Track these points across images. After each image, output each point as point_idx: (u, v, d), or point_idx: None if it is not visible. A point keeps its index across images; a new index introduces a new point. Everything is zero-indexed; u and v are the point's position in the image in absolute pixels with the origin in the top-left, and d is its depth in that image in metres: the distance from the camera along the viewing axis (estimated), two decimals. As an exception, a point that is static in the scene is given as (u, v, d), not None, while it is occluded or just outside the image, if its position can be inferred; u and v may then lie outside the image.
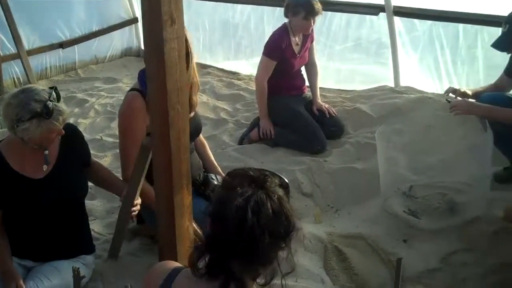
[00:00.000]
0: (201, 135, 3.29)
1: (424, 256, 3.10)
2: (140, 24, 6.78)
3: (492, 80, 3.83)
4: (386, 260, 3.10)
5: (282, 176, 1.75)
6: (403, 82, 5.05)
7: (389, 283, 2.95)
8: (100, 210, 3.70)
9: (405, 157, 3.97)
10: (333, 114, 4.46)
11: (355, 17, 5.30)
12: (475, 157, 3.54)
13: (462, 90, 3.65)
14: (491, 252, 2.98)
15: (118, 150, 4.29)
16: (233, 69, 6.21)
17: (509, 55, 3.46)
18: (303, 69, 4.60)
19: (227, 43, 6.36)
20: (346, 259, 3.07)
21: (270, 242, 1.51)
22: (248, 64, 6.12)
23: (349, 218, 3.60)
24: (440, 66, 4.81)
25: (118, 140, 4.47)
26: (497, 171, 3.64)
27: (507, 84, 3.61)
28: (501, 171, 3.65)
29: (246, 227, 1.48)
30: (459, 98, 3.59)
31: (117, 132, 4.63)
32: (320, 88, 4.71)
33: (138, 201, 2.68)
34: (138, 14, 6.69)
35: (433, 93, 4.74)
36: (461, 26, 4.66)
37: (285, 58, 4.33)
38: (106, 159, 4.37)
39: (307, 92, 4.63)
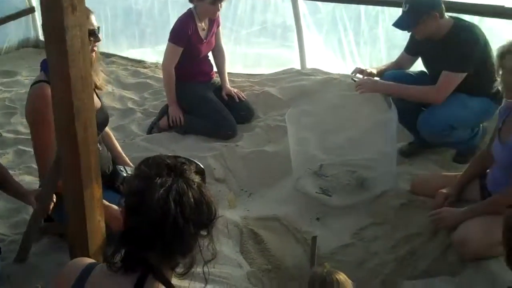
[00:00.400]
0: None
1: (337, 233, 3.17)
2: (37, 13, 6.43)
3: (394, 59, 3.95)
4: (301, 239, 3.14)
5: (197, 162, 1.71)
6: (309, 64, 5.13)
7: (305, 261, 2.99)
8: (2, 210, 3.51)
9: (315, 138, 4.04)
10: (242, 99, 4.45)
11: (260, 1, 5.33)
12: (381, 134, 3.67)
13: (368, 70, 3.75)
14: (400, 224, 3.08)
15: (19, 147, 4.17)
16: (138, 57, 6.04)
17: (409, 33, 3.59)
18: (210, 54, 4.56)
19: (130, 31, 6.18)
20: (262, 241, 3.09)
21: (193, 231, 1.49)
22: (153, 52, 5.98)
23: (263, 200, 3.62)
24: (344, 47, 4.92)
25: (19, 136, 4.37)
26: (402, 146, 3.78)
27: (407, 61, 3.75)
28: (406, 146, 3.80)
29: (169, 218, 1.44)
30: (364, 77, 3.69)
31: (18, 128, 4.47)
32: (228, 73, 4.68)
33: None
34: (35, 3, 6.35)
35: (338, 74, 4.83)
36: (362, 7, 4.78)
37: (191, 44, 4.27)
38: (8, 156, 4.14)
39: (216, 78, 4.59)
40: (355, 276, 2.76)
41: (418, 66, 3.80)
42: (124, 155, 3.17)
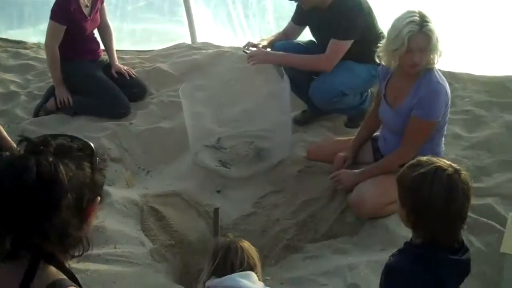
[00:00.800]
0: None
1: (238, 203, 3.18)
2: None
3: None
4: (203, 212, 3.12)
5: (84, 139, 1.58)
6: (200, 38, 5.08)
7: (208, 235, 2.97)
8: None
9: (210, 112, 4.04)
10: (133, 76, 4.31)
11: (145, -25, 5.19)
12: (275, 105, 3.71)
13: (260, 45, 3.72)
14: (299, 190, 3.14)
15: None
16: (18, 38, 5.68)
17: (296, 3, 3.61)
18: (96, 32, 4.36)
19: (7, 11, 5.80)
20: (164, 217, 3.03)
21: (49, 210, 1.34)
22: (35, 32, 5.64)
23: (162, 177, 3.55)
24: (233, 20, 4.92)
25: None
26: (296, 115, 3.83)
27: (295, 31, 3.78)
28: (300, 114, 3.85)
29: (26, 198, 1.31)
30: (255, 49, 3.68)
31: None
32: (116, 50, 4.48)
33: None
34: None
35: (229, 47, 4.82)
36: (249, -20, 4.79)
37: (75, 22, 4.04)
38: None
39: (103, 56, 4.40)
40: (258, 244, 2.82)
41: (307, 35, 3.84)
42: (9, 139, 2.96)
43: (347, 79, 3.41)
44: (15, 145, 2.76)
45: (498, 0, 4.22)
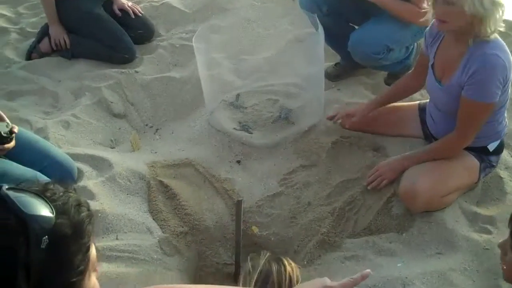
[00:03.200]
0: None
1: (262, 179, 2.71)
2: None
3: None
4: (220, 189, 2.65)
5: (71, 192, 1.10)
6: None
7: (228, 218, 2.53)
8: None
9: (227, 59, 3.49)
10: (139, 14, 3.71)
11: None
12: (303, 53, 3.16)
13: None
14: (333, 167, 2.66)
15: None
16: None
17: None
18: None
19: None
20: (175, 195, 2.56)
21: None
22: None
23: (172, 139, 3.08)
24: None
25: None
26: (327, 68, 3.28)
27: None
28: (332, 68, 3.31)
29: None
30: None
31: None
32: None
33: None
34: None
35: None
36: None
37: None
38: None
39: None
40: (287, 234, 2.37)
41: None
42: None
43: (394, 31, 2.84)
44: (4, 116, 2.23)
45: None
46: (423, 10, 2.62)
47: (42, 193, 1.02)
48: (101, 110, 3.14)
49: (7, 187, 0.99)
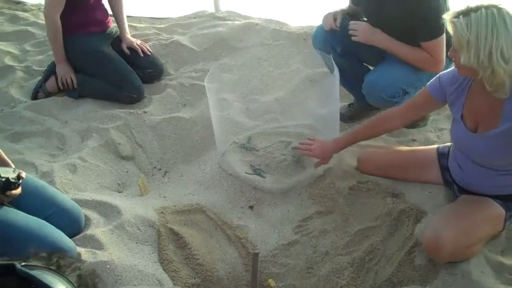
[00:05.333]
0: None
1: (276, 226, 2.64)
2: None
3: None
4: (233, 237, 2.57)
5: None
6: (224, 6, 4.39)
7: (241, 269, 2.43)
8: None
9: (238, 98, 3.46)
10: (148, 52, 3.69)
11: None
12: (316, 94, 3.12)
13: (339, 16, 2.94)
14: (351, 214, 2.58)
15: None
16: (17, -2, 5.02)
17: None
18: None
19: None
20: (186, 244, 2.48)
21: None
22: (35, -10, 4.97)
23: (182, 182, 3.02)
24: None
25: None
26: (341, 108, 3.22)
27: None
28: (346, 108, 3.27)
29: None
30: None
31: None
32: (127, 17, 3.84)
33: None
34: None
35: (259, 18, 4.18)
36: None
37: (77, -15, 3.41)
38: None
39: (113, 26, 3.75)
40: (305, 287, 2.27)
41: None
42: (5, 157, 2.34)
43: (409, 73, 2.80)
44: (6, 158, 2.18)
45: None
46: (441, 62, 2.59)
47: (57, 268, 0.97)
48: (109, 152, 3.09)
49: (22, 263, 0.94)
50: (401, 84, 2.78)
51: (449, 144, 2.53)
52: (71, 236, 2.29)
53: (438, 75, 2.39)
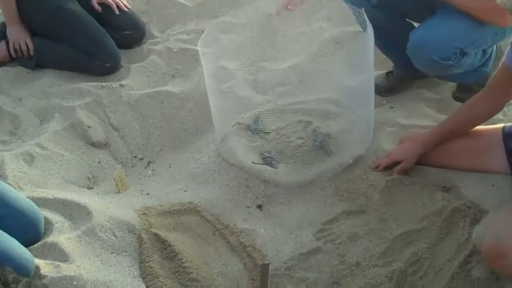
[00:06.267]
0: None
1: (291, 229, 2.66)
2: None
3: None
4: (236, 245, 2.61)
5: None
6: None
7: (246, 285, 2.46)
8: None
9: (242, 66, 3.59)
10: (125, 9, 3.77)
11: None
12: (347, 62, 3.11)
13: None
14: (389, 214, 2.60)
15: None
16: None
17: None
18: None
19: None
20: (175, 254, 2.51)
21: None
22: None
23: (170, 175, 3.08)
24: None
25: None
26: (376, 78, 3.26)
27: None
28: (383, 78, 3.31)
29: None
30: None
31: None
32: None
33: None
34: None
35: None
36: None
37: None
38: None
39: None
40: None
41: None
42: None
43: (469, 29, 2.79)
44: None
45: None
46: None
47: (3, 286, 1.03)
48: (75, 138, 3.14)
49: None
50: (457, 43, 2.78)
51: (518, 122, 2.55)
52: (27, 244, 2.31)
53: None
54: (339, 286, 2.41)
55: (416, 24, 3.04)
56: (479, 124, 2.65)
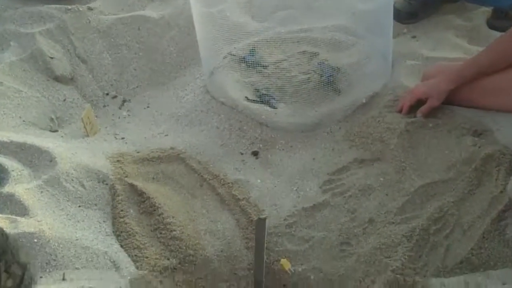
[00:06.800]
0: None
1: (293, 181, 2.69)
2: None
3: None
4: (227, 198, 2.63)
5: None
6: None
7: (239, 246, 2.48)
8: None
9: None
10: None
11: None
12: None
13: None
14: (409, 163, 2.62)
15: None
16: None
17: None
18: None
19: None
20: (155, 209, 2.54)
21: None
22: None
23: (149, 116, 3.13)
24: None
25: None
26: (396, 1, 3.29)
27: None
28: (403, 0, 3.35)
29: None
30: None
31: None
32: None
33: None
34: None
35: None
36: None
37: None
38: None
39: None
40: (337, 273, 2.37)
41: None
42: None
43: None
44: None
45: None
46: None
47: None
48: (35, 71, 3.14)
49: None
50: None
51: None
52: (-22, 196, 2.32)
53: None
54: (349, 247, 2.43)
55: None
56: None
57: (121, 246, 2.40)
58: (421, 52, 3.05)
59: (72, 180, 2.52)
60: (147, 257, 2.38)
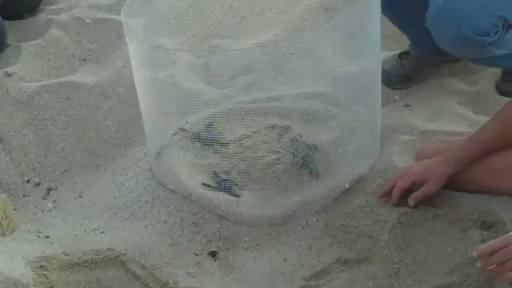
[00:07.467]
0: None
1: None
2: None
3: None
4: None
5: None
6: None
7: None
8: None
9: (187, 45, 3.68)
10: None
11: None
12: (341, 39, 3.16)
13: None
14: (403, 263, 2.63)
15: None
16: None
17: None
18: None
19: None
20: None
21: None
22: None
23: (80, 207, 3.10)
24: None
25: None
26: (385, 61, 3.39)
27: None
28: (394, 61, 3.42)
29: None
30: None
31: None
32: None
33: None
34: None
35: None
36: None
37: None
38: None
39: None
40: None
41: None
42: None
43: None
44: None
45: None
46: None
47: None
48: None
49: None
50: (498, 10, 2.82)
51: None
52: None
53: None
54: None
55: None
56: None
57: None
58: (416, 124, 3.10)
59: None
60: None
